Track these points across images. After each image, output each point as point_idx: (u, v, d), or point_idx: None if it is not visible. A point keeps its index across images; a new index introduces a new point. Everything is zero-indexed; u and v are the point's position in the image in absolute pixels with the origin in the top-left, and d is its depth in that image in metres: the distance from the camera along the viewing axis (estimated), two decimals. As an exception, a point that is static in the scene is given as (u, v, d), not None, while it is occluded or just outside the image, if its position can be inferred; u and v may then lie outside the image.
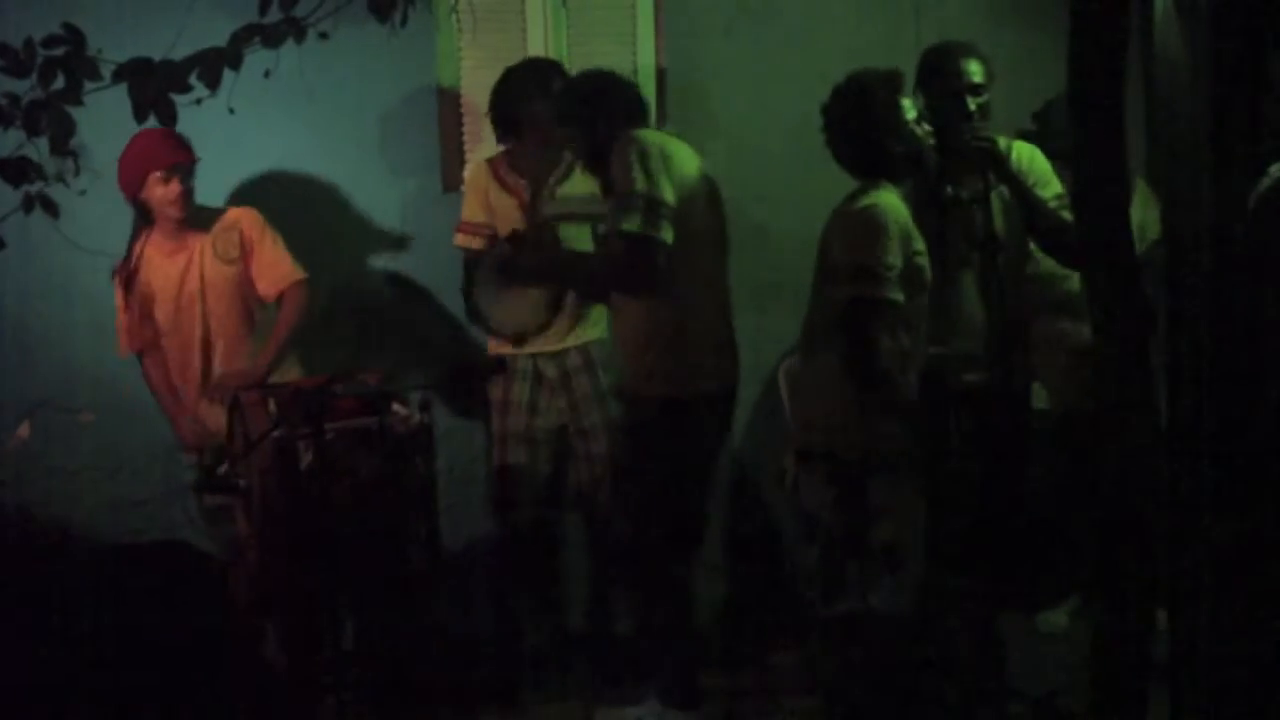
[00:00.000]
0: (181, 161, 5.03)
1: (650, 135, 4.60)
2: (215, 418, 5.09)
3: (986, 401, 4.53)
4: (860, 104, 4.30)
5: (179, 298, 5.18)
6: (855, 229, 4.22)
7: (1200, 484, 3.25)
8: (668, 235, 4.44)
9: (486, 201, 5.33)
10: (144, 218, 5.15)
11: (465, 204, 5.41)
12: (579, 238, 5.25)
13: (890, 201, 4.24)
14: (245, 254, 5.17)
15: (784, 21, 5.76)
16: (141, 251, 5.16)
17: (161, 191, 5.04)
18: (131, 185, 5.06)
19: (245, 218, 5.21)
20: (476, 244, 5.34)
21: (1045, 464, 4.82)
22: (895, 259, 4.16)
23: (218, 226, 5.18)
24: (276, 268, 5.18)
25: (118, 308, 5.23)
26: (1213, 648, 3.26)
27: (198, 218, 5.15)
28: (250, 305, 5.23)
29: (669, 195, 4.46)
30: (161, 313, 5.22)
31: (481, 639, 5.46)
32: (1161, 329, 3.42)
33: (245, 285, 5.20)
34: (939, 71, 4.63)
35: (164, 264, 5.18)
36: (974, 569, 4.64)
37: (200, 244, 5.17)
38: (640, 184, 4.43)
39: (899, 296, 4.16)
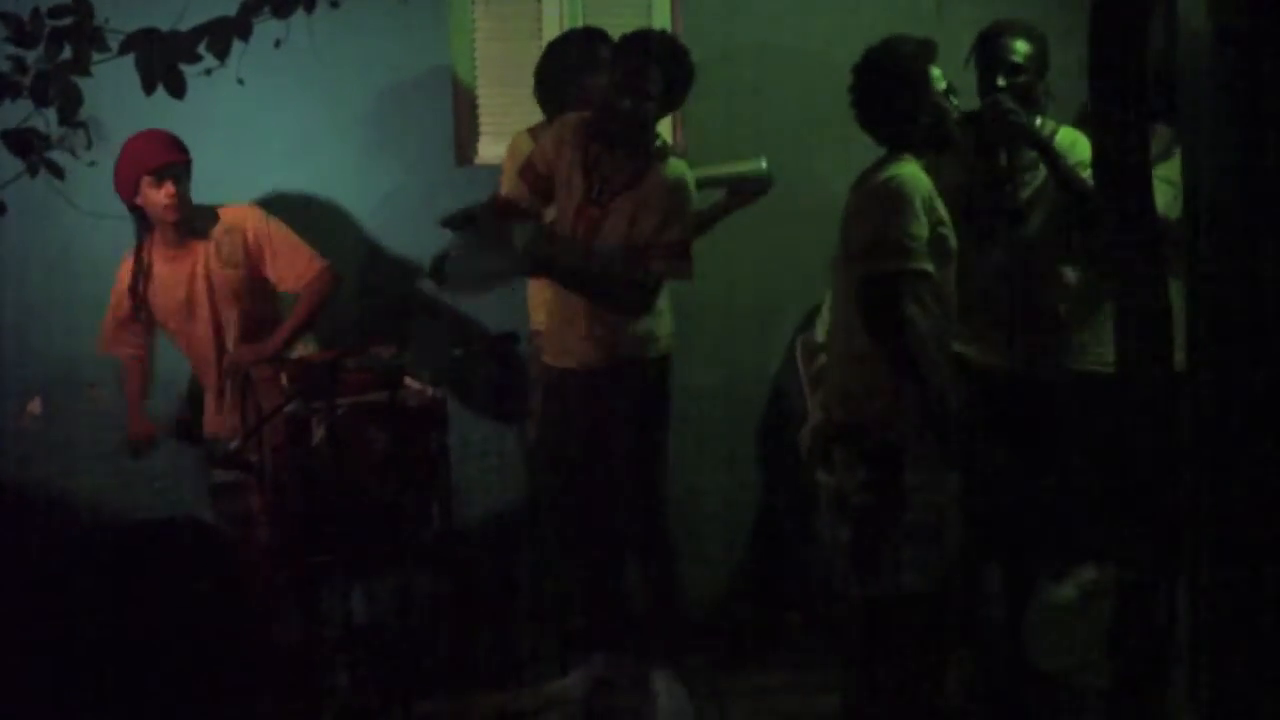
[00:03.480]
0: (172, 161, 4.96)
1: (684, 172, 4.77)
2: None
3: (1009, 378, 4.49)
4: (891, 70, 4.22)
5: (187, 303, 5.12)
6: (878, 201, 4.16)
7: (1224, 453, 3.21)
8: None
9: (561, 151, 5.17)
10: (144, 224, 5.07)
11: (506, 177, 5.25)
12: None
13: (912, 172, 4.18)
14: (253, 257, 5.09)
15: (803, -5, 5.70)
16: (147, 259, 5.09)
17: (154, 195, 4.96)
18: (125, 188, 4.99)
19: (248, 220, 5.12)
20: (521, 193, 5.08)
21: (1063, 433, 4.76)
22: (921, 229, 4.11)
23: (218, 230, 5.09)
24: (295, 264, 5.10)
25: (110, 308, 5.17)
26: (1235, 622, 3.21)
27: (198, 220, 5.06)
28: (263, 302, 5.15)
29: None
30: (170, 318, 5.16)
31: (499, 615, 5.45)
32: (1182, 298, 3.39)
33: (256, 285, 5.12)
34: (982, 47, 4.65)
35: (168, 271, 5.11)
36: (1004, 546, 4.65)
37: (203, 249, 5.09)
38: (688, 231, 4.75)
39: (928, 266, 4.11)
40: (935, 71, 4.25)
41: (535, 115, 5.31)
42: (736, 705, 4.98)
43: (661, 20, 5.68)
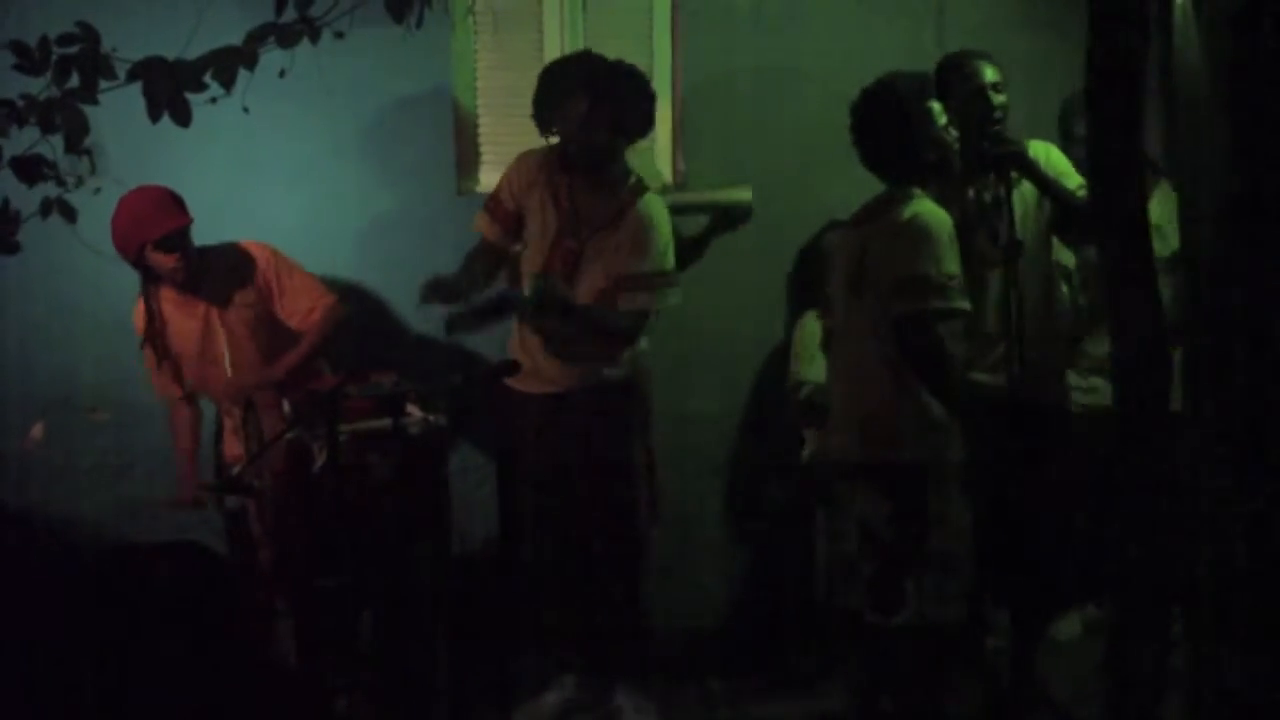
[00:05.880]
0: (175, 228, 4.90)
1: (659, 207, 4.92)
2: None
3: (1009, 408, 4.50)
4: (892, 108, 4.25)
5: (202, 343, 5.09)
6: (909, 239, 4.16)
7: (1220, 484, 3.23)
8: None
9: (531, 187, 5.09)
10: (149, 278, 5.02)
11: (504, 179, 5.15)
12: None
13: (933, 209, 4.20)
14: (264, 294, 5.06)
15: (801, 23, 5.71)
16: (158, 310, 5.06)
17: (160, 259, 4.91)
18: (128, 252, 4.93)
19: (258, 260, 5.08)
20: (492, 231, 5.12)
21: (1061, 466, 4.77)
22: (955, 267, 4.13)
23: (229, 272, 5.06)
24: (303, 302, 5.07)
25: (148, 366, 5.14)
26: (1231, 657, 3.23)
27: (205, 264, 5.01)
28: (277, 335, 5.11)
29: None
30: (187, 358, 5.12)
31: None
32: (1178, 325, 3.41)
33: (269, 320, 5.09)
34: (959, 75, 4.64)
35: (180, 319, 5.07)
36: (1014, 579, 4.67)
37: (213, 290, 5.05)
38: (666, 261, 4.88)
39: (966, 305, 4.14)
40: (936, 106, 4.27)
41: (536, 142, 5.33)
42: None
43: (662, 48, 5.72)
